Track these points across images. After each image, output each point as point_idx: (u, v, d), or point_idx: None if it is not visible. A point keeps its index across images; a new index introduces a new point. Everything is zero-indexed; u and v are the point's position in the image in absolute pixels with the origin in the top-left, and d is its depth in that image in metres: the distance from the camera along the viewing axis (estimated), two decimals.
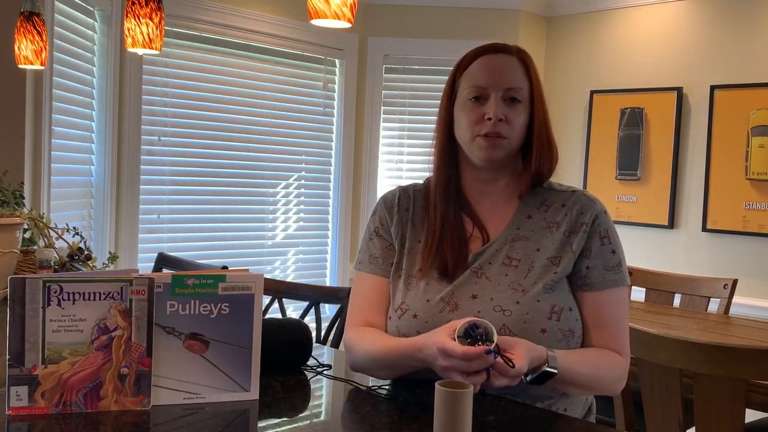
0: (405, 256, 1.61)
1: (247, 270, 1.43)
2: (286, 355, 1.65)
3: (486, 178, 1.62)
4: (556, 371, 1.40)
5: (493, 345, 1.28)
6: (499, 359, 1.30)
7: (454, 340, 1.32)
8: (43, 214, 2.74)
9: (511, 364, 1.30)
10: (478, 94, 1.55)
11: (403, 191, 1.69)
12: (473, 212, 1.62)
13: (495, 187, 1.62)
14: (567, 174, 4.35)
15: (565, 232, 1.55)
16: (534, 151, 1.58)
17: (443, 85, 1.63)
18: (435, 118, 1.64)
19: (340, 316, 2.25)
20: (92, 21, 3.38)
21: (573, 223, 1.55)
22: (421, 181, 1.71)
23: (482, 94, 1.54)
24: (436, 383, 1.17)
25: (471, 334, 1.31)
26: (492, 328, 1.31)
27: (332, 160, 4.45)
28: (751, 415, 2.03)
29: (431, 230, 1.60)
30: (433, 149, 1.64)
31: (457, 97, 1.59)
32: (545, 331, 1.46)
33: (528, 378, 1.39)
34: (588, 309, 1.53)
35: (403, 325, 1.54)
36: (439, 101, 1.64)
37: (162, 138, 3.73)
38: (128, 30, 2.26)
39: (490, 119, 1.52)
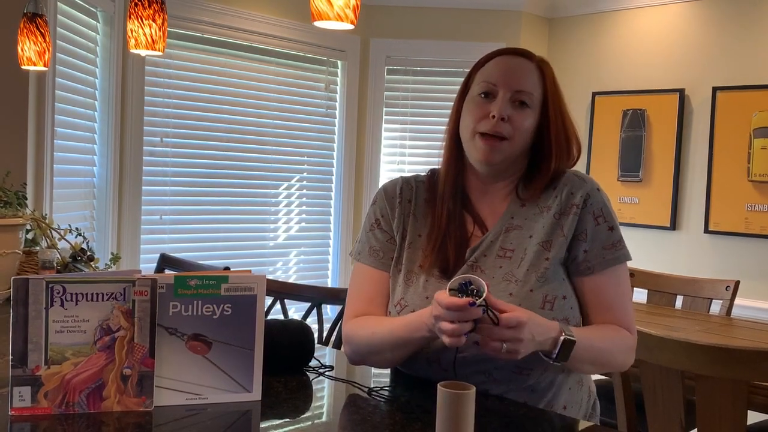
0: (405, 250, 1.60)
1: (250, 271, 1.44)
2: (288, 356, 1.65)
3: (486, 179, 1.61)
4: (574, 338, 1.40)
5: (480, 300, 1.33)
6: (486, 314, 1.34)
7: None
8: (46, 214, 2.74)
9: (495, 319, 1.32)
10: (487, 90, 1.54)
11: (405, 182, 1.67)
12: (474, 210, 1.61)
13: (495, 186, 1.61)
14: None
15: (555, 214, 1.53)
16: (554, 156, 1.56)
17: (445, 86, 1.64)
18: (436, 119, 1.65)
19: (342, 317, 2.25)
20: (95, 22, 3.39)
21: (563, 204, 1.54)
22: (423, 173, 1.70)
23: (491, 90, 1.54)
24: (438, 384, 1.17)
25: (464, 290, 1.36)
26: (484, 285, 1.35)
27: (334, 161, 4.45)
28: (753, 417, 2.03)
29: (436, 225, 1.59)
30: (443, 143, 1.64)
31: (469, 93, 1.59)
32: None
33: (554, 355, 1.40)
34: (590, 294, 1.52)
35: None
36: (440, 102, 1.64)
37: (164, 139, 3.73)
38: (131, 31, 2.26)
39: (493, 117, 1.51)
